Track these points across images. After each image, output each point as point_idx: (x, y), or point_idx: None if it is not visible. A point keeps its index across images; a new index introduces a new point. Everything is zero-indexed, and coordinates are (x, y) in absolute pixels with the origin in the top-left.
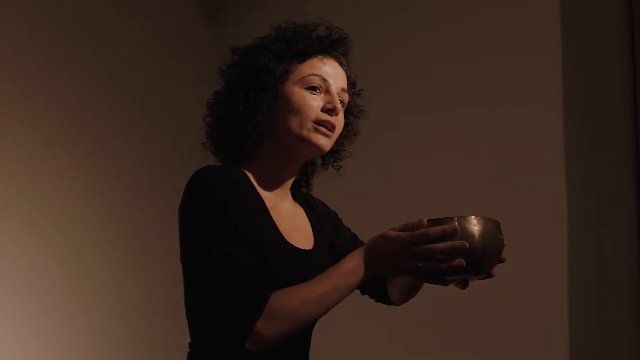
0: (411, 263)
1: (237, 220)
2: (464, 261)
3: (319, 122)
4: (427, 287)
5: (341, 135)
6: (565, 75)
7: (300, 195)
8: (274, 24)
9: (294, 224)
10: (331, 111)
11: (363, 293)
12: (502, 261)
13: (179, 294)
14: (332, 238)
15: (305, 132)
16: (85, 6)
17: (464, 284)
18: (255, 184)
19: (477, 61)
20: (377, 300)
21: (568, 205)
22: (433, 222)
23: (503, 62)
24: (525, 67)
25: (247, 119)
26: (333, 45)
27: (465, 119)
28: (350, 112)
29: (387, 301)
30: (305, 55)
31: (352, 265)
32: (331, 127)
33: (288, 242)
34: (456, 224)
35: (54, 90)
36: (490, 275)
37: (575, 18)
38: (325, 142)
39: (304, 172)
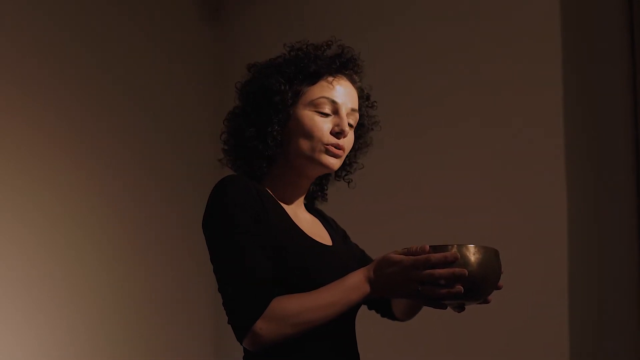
0: (412, 286)
1: (255, 227)
2: (462, 287)
3: (329, 144)
4: None
5: (352, 149)
6: (565, 75)
7: (313, 209)
8: (287, 43)
9: (314, 229)
10: (339, 134)
11: (370, 308)
12: (498, 288)
13: (179, 293)
14: None
15: (316, 154)
16: (86, 6)
17: (460, 308)
18: (272, 194)
19: (477, 62)
20: (382, 316)
21: (568, 205)
22: (435, 248)
23: (503, 63)
24: (525, 67)
25: (260, 140)
26: (344, 66)
27: (465, 118)
28: (362, 125)
29: (392, 317)
30: (316, 77)
31: (356, 281)
32: (340, 148)
33: (312, 239)
34: (456, 251)
35: (54, 90)
36: (486, 302)
37: (575, 18)
38: (335, 162)
39: (319, 183)
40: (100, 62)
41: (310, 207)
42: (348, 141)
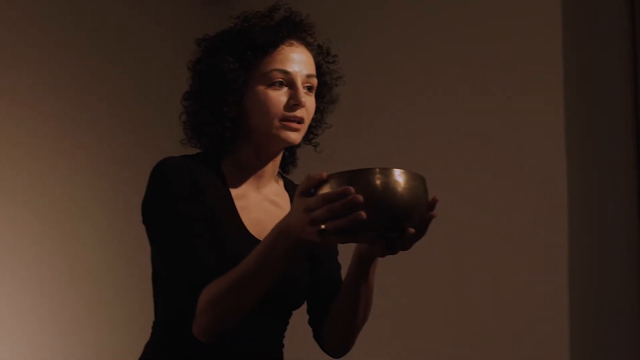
0: (315, 228)
1: (189, 215)
2: (363, 213)
3: (285, 119)
4: (424, 286)
5: (317, 110)
6: (566, 66)
7: (293, 188)
8: (233, 15)
9: (264, 215)
10: (295, 106)
11: (310, 322)
12: (429, 218)
13: None
14: None
15: (273, 131)
16: None
17: (390, 246)
18: (225, 174)
19: (474, 50)
20: (315, 336)
21: (569, 202)
22: (336, 176)
23: (503, 52)
24: (526, 58)
25: (216, 122)
26: (294, 31)
27: (464, 109)
28: (325, 83)
29: (319, 335)
30: (265, 48)
31: (267, 242)
32: (299, 120)
33: (249, 233)
34: (353, 182)
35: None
36: (419, 234)
37: (576, 7)
38: (295, 137)
39: (289, 149)
40: (103, 51)
41: (288, 184)
42: (308, 110)
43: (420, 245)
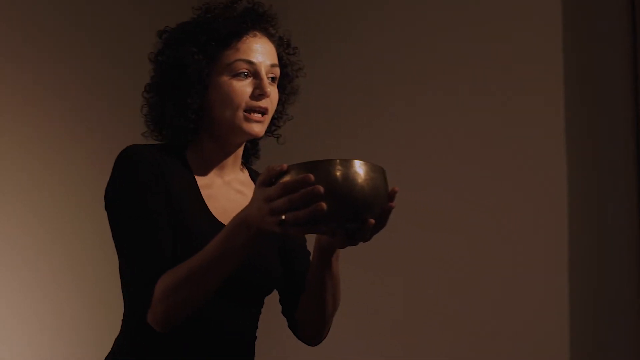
0: (275, 218)
1: (154, 204)
2: (323, 204)
3: (250, 109)
4: (424, 286)
5: (279, 102)
6: (566, 66)
7: (256, 175)
8: (195, 6)
9: (231, 203)
10: (261, 96)
11: (283, 312)
12: (388, 208)
13: None
14: None
15: (237, 122)
16: None
17: (350, 237)
18: (190, 164)
19: (474, 50)
20: (289, 326)
21: (569, 202)
22: (297, 167)
23: (503, 52)
24: (526, 58)
25: (180, 112)
26: (257, 21)
27: (464, 109)
28: (287, 74)
29: (293, 324)
30: (229, 39)
31: (227, 232)
32: (264, 111)
33: (217, 220)
34: (313, 171)
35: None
36: (379, 225)
37: (576, 7)
38: (259, 129)
39: (251, 140)
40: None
41: (254, 175)
42: (272, 101)
43: (420, 245)
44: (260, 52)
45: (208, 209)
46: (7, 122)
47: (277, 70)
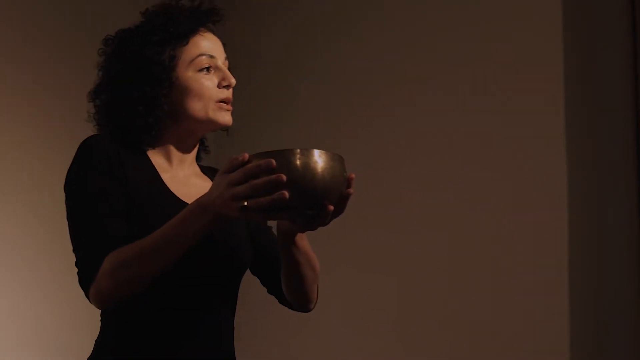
0: (236, 204)
1: (108, 189)
2: (285, 192)
3: (220, 100)
4: (424, 286)
5: None
6: (566, 66)
7: (210, 172)
8: (142, 11)
9: (193, 188)
10: (228, 87)
11: (269, 292)
12: (346, 195)
13: None
14: None
15: (211, 113)
16: None
17: (309, 222)
18: (150, 156)
19: (474, 50)
20: (280, 302)
21: (569, 202)
22: (257, 156)
23: (503, 52)
24: (526, 58)
25: (148, 114)
26: (207, 18)
27: (464, 109)
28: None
29: (282, 299)
30: (186, 37)
31: (183, 215)
32: (230, 100)
33: (179, 199)
34: (274, 159)
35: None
36: (337, 211)
37: (576, 7)
38: (229, 117)
39: (200, 140)
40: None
41: (205, 169)
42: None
43: (421, 245)
44: (216, 46)
45: (172, 192)
46: (7, 122)
47: (227, 63)
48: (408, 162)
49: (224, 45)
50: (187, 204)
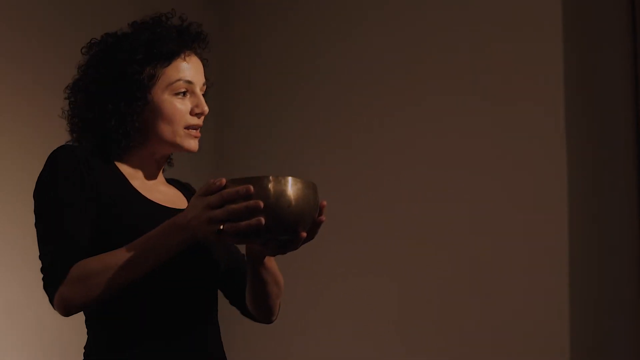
0: (212, 227)
1: (77, 197)
2: (262, 219)
3: (189, 127)
4: (425, 287)
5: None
6: (566, 66)
7: (176, 182)
8: (129, 22)
9: (164, 195)
10: (200, 114)
11: (232, 304)
12: (318, 222)
13: None
14: None
15: (178, 139)
16: None
17: (281, 247)
18: (120, 169)
19: (474, 51)
20: (242, 313)
21: (569, 202)
22: (234, 182)
23: (503, 52)
24: (526, 58)
25: (118, 128)
26: (192, 41)
27: (464, 110)
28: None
29: (248, 313)
30: (169, 57)
31: (156, 232)
32: (200, 127)
33: (150, 200)
34: (253, 183)
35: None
36: (309, 237)
37: (576, 7)
38: (196, 144)
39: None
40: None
41: (170, 181)
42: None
43: (421, 245)
44: (196, 71)
45: (142, 194)
46: (7, 122)
47: (205, 87)
48: (407, 163)
49: (205, 66)
50: (158, 205)
